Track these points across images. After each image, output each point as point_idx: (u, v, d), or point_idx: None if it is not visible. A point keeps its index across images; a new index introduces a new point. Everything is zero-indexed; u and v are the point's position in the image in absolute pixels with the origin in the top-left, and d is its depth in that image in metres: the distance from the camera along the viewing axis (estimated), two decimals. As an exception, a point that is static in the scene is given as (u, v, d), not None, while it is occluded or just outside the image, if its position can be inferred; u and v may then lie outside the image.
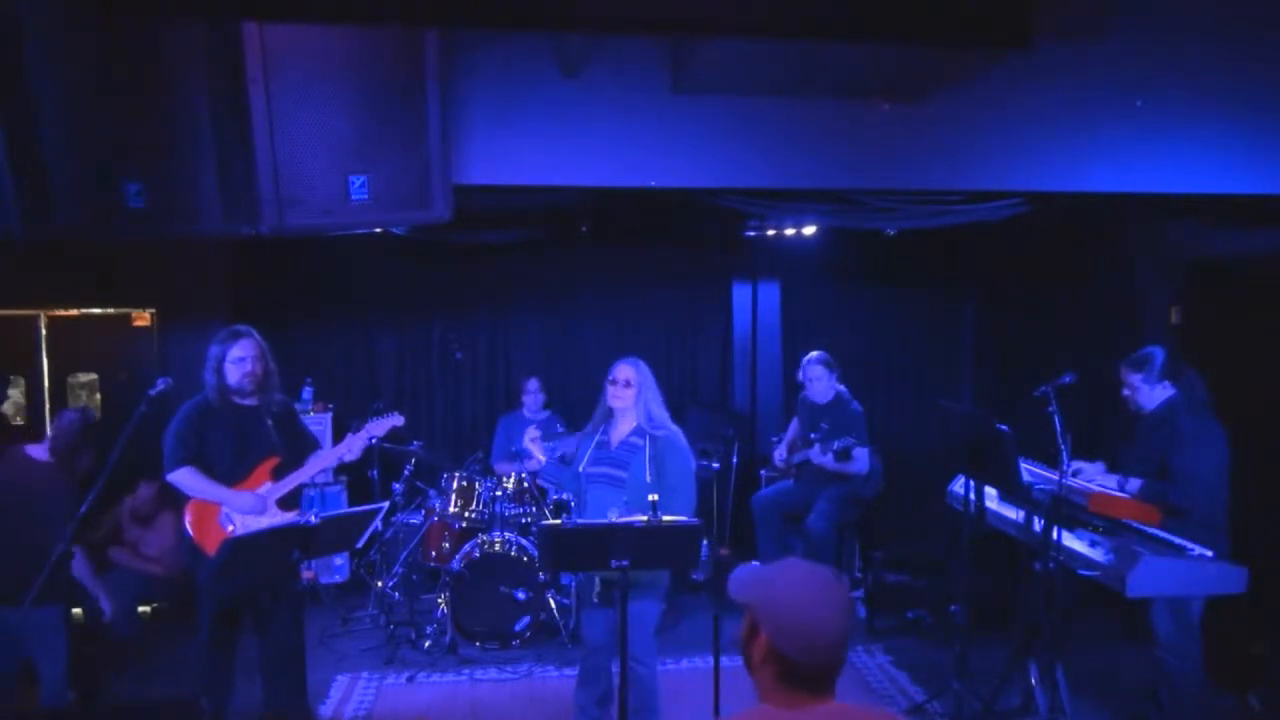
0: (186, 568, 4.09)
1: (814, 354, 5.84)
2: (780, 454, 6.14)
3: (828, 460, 5.48)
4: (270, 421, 4.04)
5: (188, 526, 3.96)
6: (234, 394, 3.96)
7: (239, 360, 3.93)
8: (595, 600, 3.87)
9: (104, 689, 4.69)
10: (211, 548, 3.89)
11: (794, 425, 6.12)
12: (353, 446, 4.19)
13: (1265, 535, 4.24)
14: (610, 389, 3.86)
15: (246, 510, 3.95)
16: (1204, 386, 4.08)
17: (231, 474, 3.96)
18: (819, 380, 5.75)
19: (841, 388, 5.81)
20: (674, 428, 3.86)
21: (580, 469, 3.94)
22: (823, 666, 1.75)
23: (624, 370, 3.83)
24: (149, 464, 4.32)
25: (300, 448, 4.20)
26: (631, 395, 3.80)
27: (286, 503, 4.10)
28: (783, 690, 1.76)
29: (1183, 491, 3.89)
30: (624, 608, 3.43)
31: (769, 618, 1.75)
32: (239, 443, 3.98)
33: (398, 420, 4.35)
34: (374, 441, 4.38)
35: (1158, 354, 4.09)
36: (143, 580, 5.36)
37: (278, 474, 4.05)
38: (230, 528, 3.94)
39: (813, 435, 5.57)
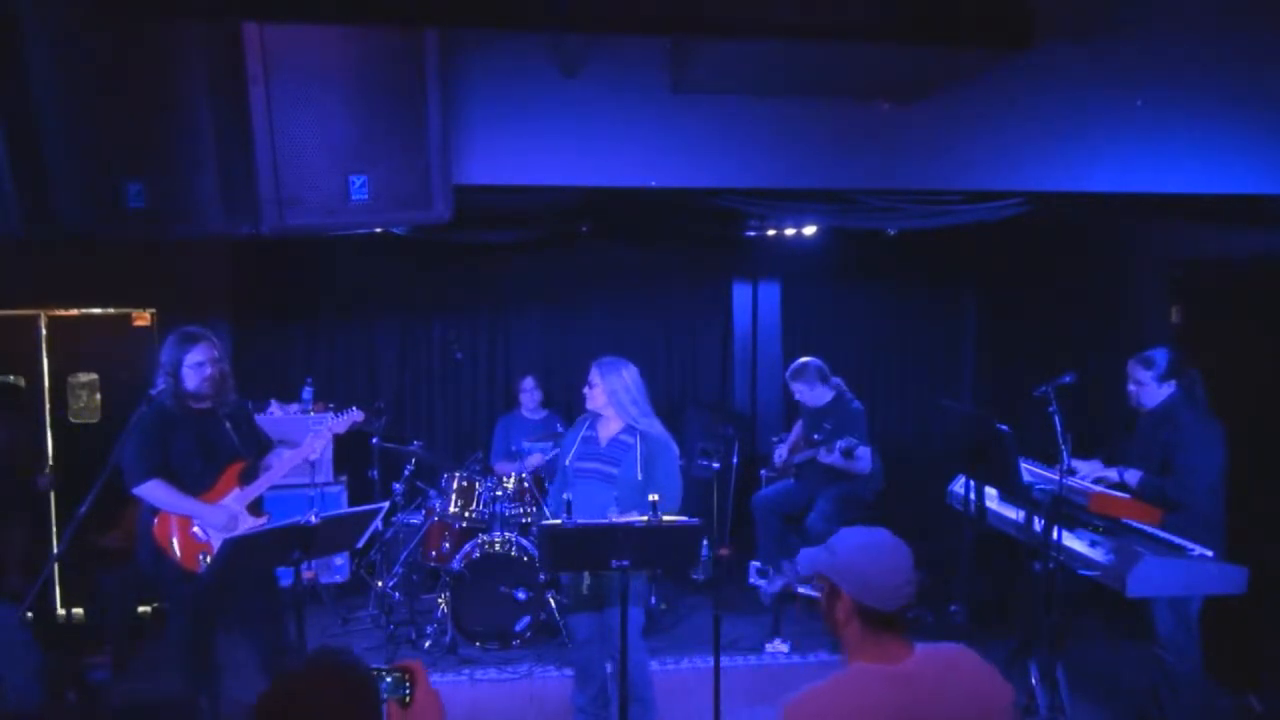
0: (148, 572, 3.98)
1: (792, 365, 5.81)
2: (780, 454, 6.13)
3: (835, 458, 5.46)
4: (228, 424, 3.96)
5: (153, 529, 3.84)
6: (191, 399, 3.85)
7: (198, 365, 3.82)
8: (585, 593, 3.90)
9: (104, 689, 4.69)
10: (179, 552, 3.83)
11: (798, 427, 6.11)
12: (314, 445, 4.11)
13: (1265, 535, 4.24)
14: (586, 390, 3.95)
15: (219, 526, 3.86)
16: (1203, 386, 4.11)
17: (199, 481, 3.87)
18: (801, 392, 5.76)
19: (841, 384, 5.80)
20: (659, 428, 3.88)
21: (566, 463, 3.95)
22: (898, 606, 1.95)
23: (592, 372, 3.92)
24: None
25: (259, 449, 4.13)
26: (599, 396, 3.86)
27: (253, 507, 4.03)
28: (871, 639, 1.97)
29: (1182, 485, 3.91)
30: (624, 606, 3.45)
31: (845, 577, 1.98)
32: (204, 449, 3.88)
33: (357, 416, 4.34)
34: (337, 436, 4.33)
35: (1166, 353, 4.14)
36: (143, 575, 5.33)
37: (244, 478, 3.98)
38: (200, 534, 3.86)
39: (815, 436, 5.57)
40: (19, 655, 4.08)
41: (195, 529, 3.86)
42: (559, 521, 3.40)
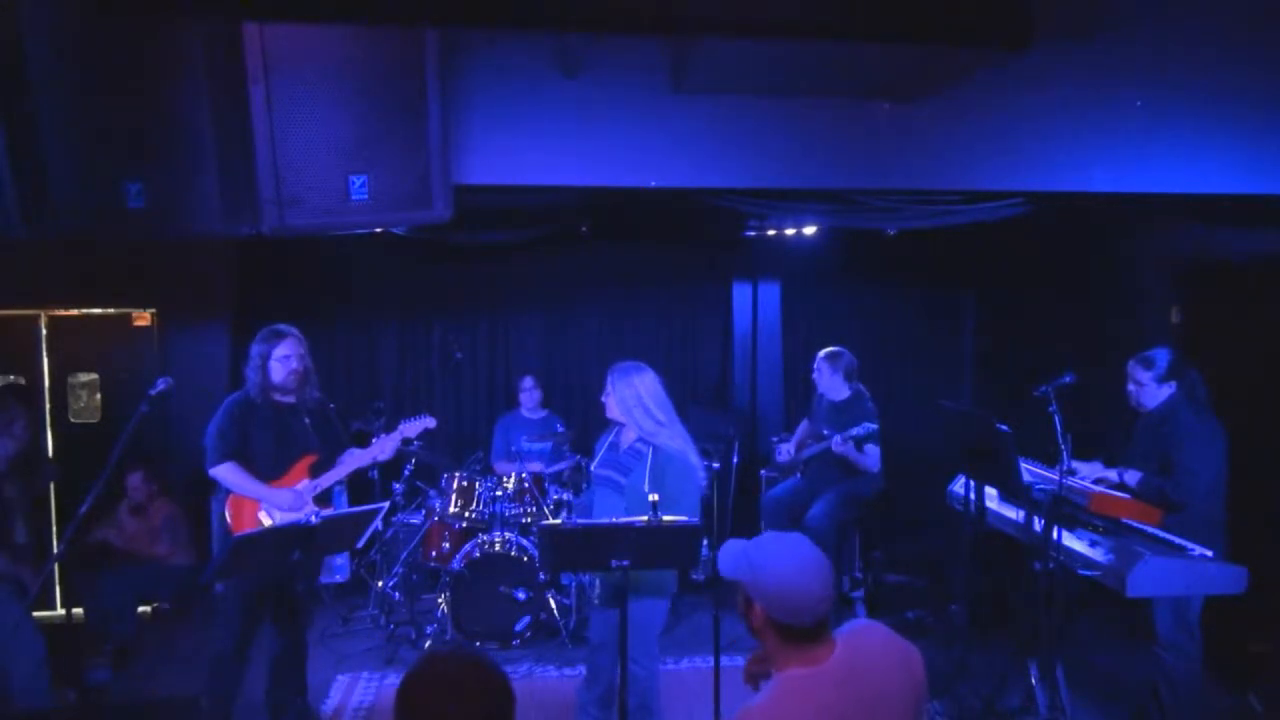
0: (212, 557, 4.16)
1: (830, 349, 5.81)
2: (788, 451, 6.05)
3: (849, 449, 5.44)
4: (308, 419, 4.14)
5: (226, 515, 4.02)
6: (275, 391, 4.03)
7: (284, 359, 4.01)
8: (595, 602, 3.86)
9: (104, 689, 4.69)
10: None
11: (803, 426, 6.10)
12: (385, 447, 4.30)
13: (1265, 535, 4.24)
14: (603, 399, 3.84)
15: (285, 507, 4.02)
16: (1204, 386, 4.11)
17: (272, 470, 4.04)
18: (823, 375, 5.74)
19: (860, 386, 5.80)
20: (672, 439, 3.68)
21: (592, 468, 3.93)
22: (814, 621, 1.98)
23: (607, 379, 3.75)
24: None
25: (335, 446, 4.29)
26: (612, 405, 3.72)
27: (320, 500, 4.18)
28: (790, 649, 2.00)
29: (1182, 486, 3.90)
30: (623, 608, 3.43)
31: (759, 594, 2.00)
32: (280, 439, 4.06)
33: (430, 422, 4.45)
34: (407, 443, 4.45)
35: (1166, 354, 4.13)
36: (143, 575, 5.34)
37: (315, 471, 4.14)
38: (268, 520, 4.00)
39: (825, 431, 5.57)
40: (22, 648, 4.09)
41: (261, 514, 4.02)
42: (558, 521, 3.39)
